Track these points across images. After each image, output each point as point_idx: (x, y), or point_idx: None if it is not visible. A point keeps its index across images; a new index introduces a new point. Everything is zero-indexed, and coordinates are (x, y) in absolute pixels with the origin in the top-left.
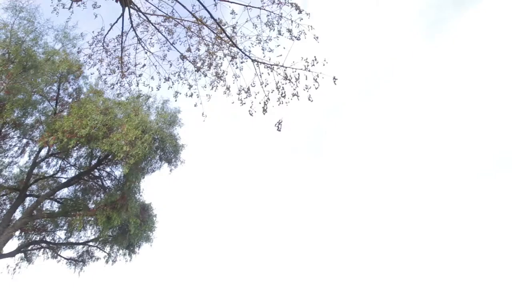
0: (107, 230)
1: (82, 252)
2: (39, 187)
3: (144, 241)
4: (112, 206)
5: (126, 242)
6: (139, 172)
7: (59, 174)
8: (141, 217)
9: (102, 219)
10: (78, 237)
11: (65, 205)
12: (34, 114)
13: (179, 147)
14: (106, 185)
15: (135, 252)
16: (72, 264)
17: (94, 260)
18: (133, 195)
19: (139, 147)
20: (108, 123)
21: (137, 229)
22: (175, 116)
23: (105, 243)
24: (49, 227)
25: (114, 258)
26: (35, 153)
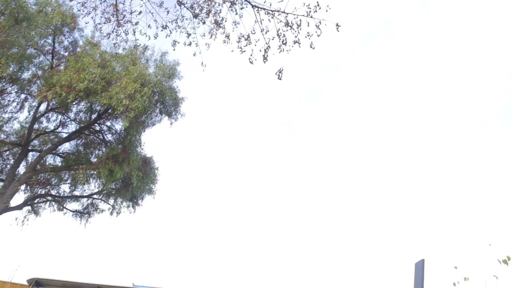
0: (110, 183)
1: (87, 204)
2: (40, 142)
3: (147, 193)
4: (114, 159)
5: (129, 194)
6: (140, 125)
7: (60, 129)
8: (143, 170)
9: (104, 172)
10: (82, 190)
11: (68, 159)
12: (31, 68)
13: (179, 100)
14: (107, 139)
15: (139, 204)
16: (78, 216)
17: (99, 212)
18: (134, 148)
19: (139, 101)
20: (106, 77)
21: (140, 182)
22: (174, 68)
23: (109, 196)
24: (53, 181)
25: (118, 210)
26: (35, 108)
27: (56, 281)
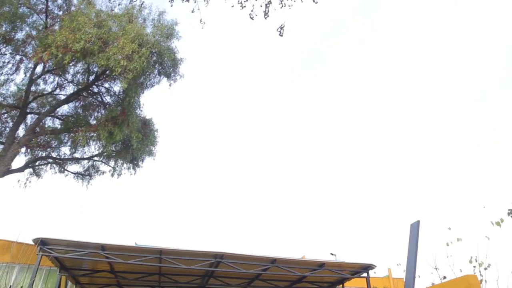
0: (110, 145)
1: (88, 166)
2: (38, 104)
3: (147, 155)
4: (113, 121)
5: (130, 156)
6: (138, 87)
7: (58, 91)
8: (142, 132)
9: (104, 134)
10: (83, 153)
11: (67, 122)
12: (24, 28)
13: (178, 61)
14: (105, 101)
15: (139, 166)
16: (79, 178)
17: (100, 174)
18: (134, 110)
19: (137, 61)
20: (103, 37)
21: (140, 144)
22: (172, 28)
23: (110, 158)
24: (53, 143)
25: (119, 171)
26: (31, 70)
27: (61, 240)
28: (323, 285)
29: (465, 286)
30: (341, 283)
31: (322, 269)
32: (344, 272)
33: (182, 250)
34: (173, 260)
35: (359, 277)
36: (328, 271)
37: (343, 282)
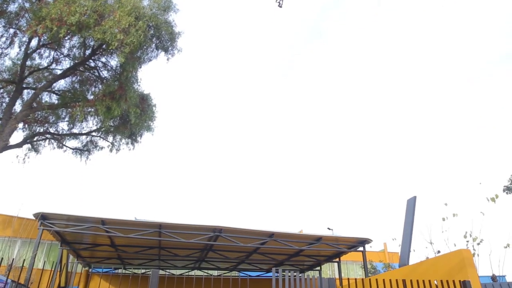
0: (108, 120)
1: (86, 142)
2: (35, 79)
3: (146, 130)
4: (111, 96)
5: (128, 131)
6: (135, 61)
7: (54, 66)
8: (140, 107)
9: (102, 109)
10: (81, 128)
11: (64, 97)
12: (17, 0)
13: (175, 35)
14: (102, 76)
15: (138, 141)
16: (78, 153)
17: (99, 149)
18: (131, 85)
19: (134, 35)
20: (99, 10)
21: (138, 119)
22: (169, 1)
23: (108, 133)
24: (51, 119)
25: (117, 147)
26: (25, 44)
27: (61, 215)
28: (320, 259)
29: (459, 260)
30: (338, 257)
31: (319, 243)
32: (340, 246)
33: (181, 224)
34: (172, 234)
35: (355, 251)
36: (325, 245)
37: (340, 256)
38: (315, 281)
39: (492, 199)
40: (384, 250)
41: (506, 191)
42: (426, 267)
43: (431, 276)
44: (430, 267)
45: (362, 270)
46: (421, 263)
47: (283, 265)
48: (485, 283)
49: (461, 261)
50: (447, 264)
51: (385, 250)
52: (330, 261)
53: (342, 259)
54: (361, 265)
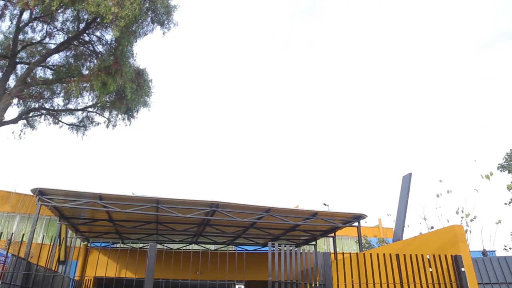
0: (103, 95)
1: (82, 117)
2: (28, 54)
3: (142, 106)
4: (106, 71)
5: (124, 107)
6: (131, 35)
7: (47, 40)
8: (136, 82)
9: (97, 84)
10: (76, 104)
11: (58, 72)
12: None
13: (171, 8)
14: (97, 50)
15: (134, 117)
16: (74, 129)
17: (95, 125)
18: (127, 60)
19: (129, 8)
20: None
21: (134, 94)
22: None
23: (104, 109)
24: (46, 94)
25: (114, 123)
26: (17, 17)
27: (59, 190)
28: (315, 234)
29: (451, 235)
30: (333, 232)
31: (315, 218)
32: (336, 221)
33: (179, 199)
34: (169, 209)
35: (350, 226)
36: (321, 220)
37: (335, 231)
38: (310, 255)
39: (486, 176)
40: (378, 225)
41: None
42: (419, 242)
43: (424, 251)
44: (423, 242)
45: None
46: (414, 238)
47: (279, 240)
48: (476, 258)
49: (453, 236)
50: (439, 239)
51: (379, 225)
52: (326, 236)
53: (337, 234)
54: (356, 240)
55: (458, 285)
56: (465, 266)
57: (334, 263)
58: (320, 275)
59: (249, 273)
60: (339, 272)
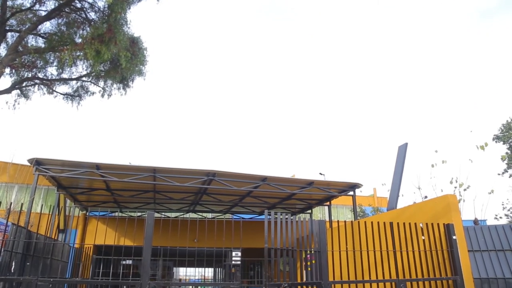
0: (98, 64)
1: (76, 87)
2: (18, 21)
3: (137, 75)
4: (100, 39)
5: (119, 76)
6: (124, 2)
7: (38, 7)
8: (131, 50)
9: (91, 53)
10: (70, 73)
11: (51, 40)
12: None
13: None
14: (90, 18)
15: (129, 86)
16: (69, 99)
17: (90, 94)
18: (120, 27)
19: None
20: None
21: (128, 63)
22: None
23: (98, 78)
24: (39, 63)
25: (109, 92)
26: None
27: (55, 160)
28: (311, 202)
29: (444, 204)
30: (328, 201)
31: (310, 187)
32: (331, 190)
33: (176, 169)
34: (167, 178)
35: (345, 195)
36: (317, 189)
37: (330, 200)
38: (306, 223)
39: (481, 147)
40: (373, 195)
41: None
42: (413, 211)
43: (417, 219)
44: (417, 211)
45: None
46: (408, 207)
47: (275, 208)
48: (467, 226)
49: (446, 205)
50: (433, 208)
51: (374, 195)
52: (321, 204)
53: (333, 203)
54: (351, 209)
55: (449, 252)
56: (456, 234)
57: (329, 231)
58: (315, 242)
59: (246, 241)
60: (334, 239)
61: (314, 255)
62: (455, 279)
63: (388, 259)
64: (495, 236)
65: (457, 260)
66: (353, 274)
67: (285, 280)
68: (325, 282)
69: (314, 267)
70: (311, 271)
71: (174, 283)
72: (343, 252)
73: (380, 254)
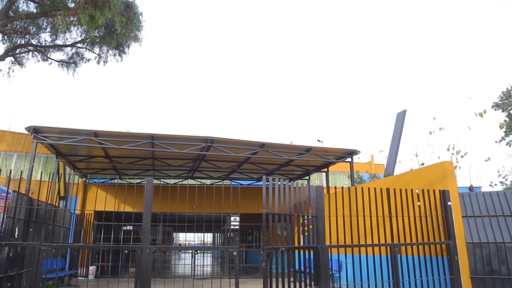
0: (92, 30)
1: (71, 54)
2: None
3: (133, 40)
4: (93, 3)
5: (115, 42)
6: None
7: None
8: (126, 15)
9: (85, 18)
10: (65, 39)
11: (42, 5)
12: None
13: None
14: None
15: (125, 52)
16: (64, 66)
17: (85, 61)
18: None
19: None
20: None
21: (124, 28)
22: None
23: (93, 44)
24: (32, 29)
25: (104, 58)
26: None
27: (53, 128)
28: (309, 169)
29: (441, 171)
30: (326, 167)
31: (308, 153)
32: (329, 156)
33: (174, 135)
34: (165, 144)
35: (343, 162)
36: (314, 156)
37: (328, 166)
38: (303, 189)
39: (480, 114)
40: (370, 162)
41: (495, 107)
42: (410, 177)
43: (414, 186)
44: (413, 178)
45: (348, 180)
46: (405, 174)
47: (273, 174)
48: (462, 193)
49: (443, 172)
50: (429, 175)
51: (371, 161)
52: (319, 171)
53: (330, 169)
54: (348, 175)
55: (444, 217)
56: (451, 201)
57: (326, 197)
58: (312, 208)
59: (244, 207)
60: (331, 205)
61: (311, 220)
62: (448, 244)
63: (384, 224)
64: (489, 202)
65: (451, 226)
66: (349, 238)
67: (282, 244)
68: (321, 246)
69: (311, 231)
70: (308, 235)
71: (174, 247)
72: (339, 217)
73: (376, 219)
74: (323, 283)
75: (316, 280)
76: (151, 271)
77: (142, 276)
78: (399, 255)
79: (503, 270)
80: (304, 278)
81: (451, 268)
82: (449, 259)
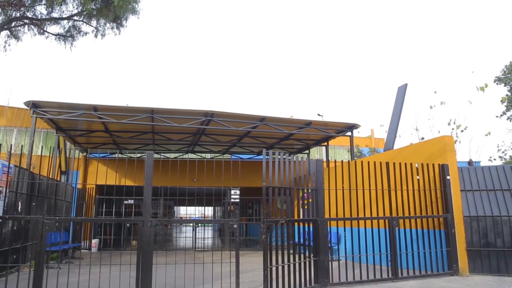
0: (89, 2)
1: (68, 27)
2: None
3: (130, 13)
4: None
5: (112, 14)
6: None
7: None
8: None
9: None
10: (61, 12)
11: None
12: None
13: None
14: None
15: (123, 25)
16: (61, 39)
17: (83, 35)
18: None
19: None
20: None
21: (121, 1)
22: None
23: (90, 17)
24: (27, 2)
25: (102, 32)
26: None
27: (52, 102)
28: (309, 143)
29: (440, 145)
30: (326, 141)
31: (308, 127)
32: (329, 130)
33: (173, 109)
34: (165, 118)
35: (343, 136)
36: (315, 130)
37: (328, 140)
38: (303, 162)
39: (481, 88)
40: (370, 136)
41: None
42: (410, 152)
43: (413, 160)
44: (413, 152)
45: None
46: (405, 148)
47: (273, 148)
48: (461, 167)
49: (442, 146)
50: (429, 149)
51: (371, 136)
52: (319, 145)
53: (330, 143)
54: (348, 150)
55: (442, 191)
56: (450, 175)
57: (326, 171)
58: (312, 181)
59: (244, 180)
60: (331, 178)
61: (310, 193)
62: (446, 217)
63: (383, 198)
64: (488, 176)
65: (449, 199)
66: (348, 211)
67: (282, 217)
68: (321, 218)
69: (311, 205)
70: (307, 208)
71: (175, 220)
72: (339, 191)
73: (375, 193)
74: (322, 255)
75: (315, 252)
76: (153, 244)
77: (144, 248)
78: (397, 228)
79: (499, 243)
80: (303, 250)
81: (448, 241)
82: (446, 232)
